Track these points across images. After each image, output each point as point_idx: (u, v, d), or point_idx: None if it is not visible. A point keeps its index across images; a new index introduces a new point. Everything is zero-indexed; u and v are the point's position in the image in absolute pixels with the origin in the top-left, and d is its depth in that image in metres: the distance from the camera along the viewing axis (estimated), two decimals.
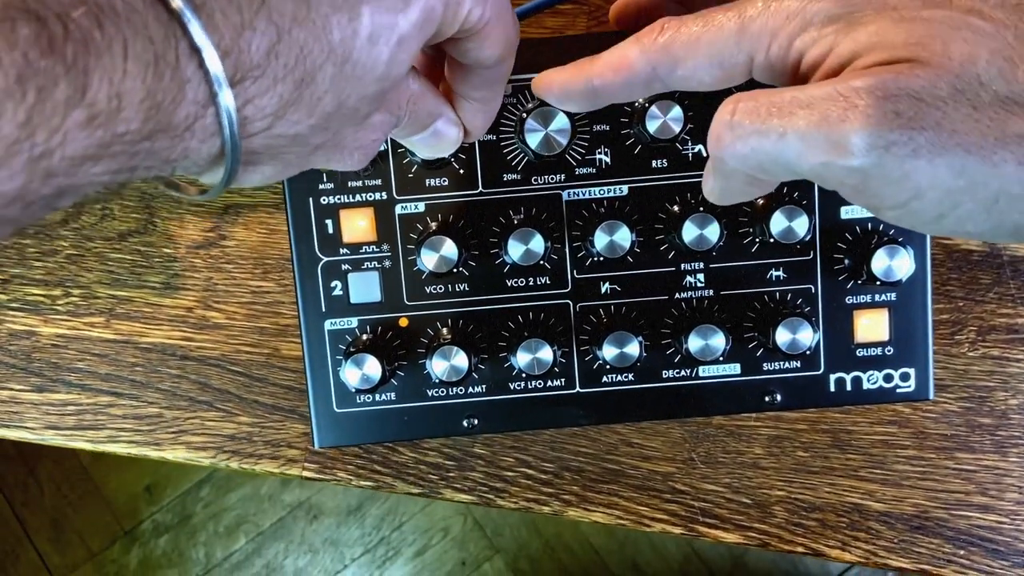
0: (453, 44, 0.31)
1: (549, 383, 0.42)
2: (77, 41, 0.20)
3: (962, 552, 0.47)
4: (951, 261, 0.48)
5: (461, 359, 0.40)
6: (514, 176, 0.41)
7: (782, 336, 0.40)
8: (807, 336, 0.39)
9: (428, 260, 0.40)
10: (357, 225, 0.41)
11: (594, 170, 0.41)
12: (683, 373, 0.42)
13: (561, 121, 0.38)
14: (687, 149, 0.40)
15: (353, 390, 0.40)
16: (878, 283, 0.39)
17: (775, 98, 0.27)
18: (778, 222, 0.39)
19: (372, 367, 0.40)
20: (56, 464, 1.47)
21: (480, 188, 0.41)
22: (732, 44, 0.29)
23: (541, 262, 0.40)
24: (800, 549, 0.47)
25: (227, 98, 0.23)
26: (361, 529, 1.47)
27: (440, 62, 0.35)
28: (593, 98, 0.33)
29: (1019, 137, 0.24)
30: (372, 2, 0.26)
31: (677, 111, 0.38)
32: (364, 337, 0.41)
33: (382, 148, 0.40)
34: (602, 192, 0.41)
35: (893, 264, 0.39)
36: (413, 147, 0.36)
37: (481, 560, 1.45)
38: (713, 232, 0.39)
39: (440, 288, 0.41)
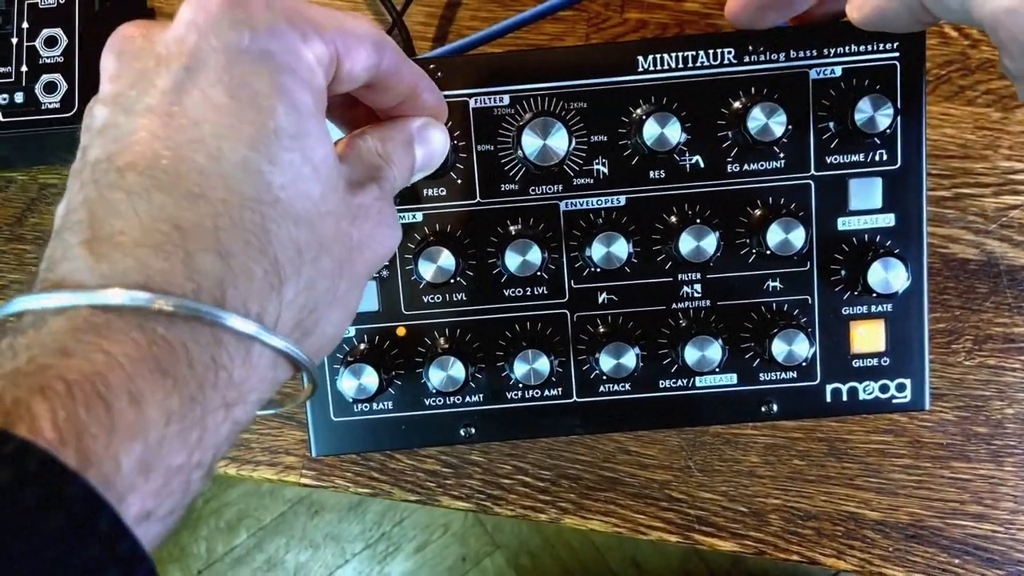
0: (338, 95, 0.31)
1: (546, 392, 0.42)
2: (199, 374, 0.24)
3: (957, 561, 0.47)
4: (948, 270, 0.48)
5: (458, 369, 0.40)
6: (512, 186, 0.41)
7: (778, 347, 0.40)
8: (803, 348, 0.40)
9: (425, 270, 0.40)
10: None
11: (592, 180, 0.41)
12: (679, 383, 0.42)
13: (559, 132, 0.38)
14: (684, 160, 0.40)
15: (350, 400, 0.40)
16: (874, 295, 0.39)
17: None
18: (775, 234, 0.39)
19: (369, 377, 0.40)
20: None
21: (478, 198, 0.41)
22: None
23: (538, 273, 0.40)
24: (796, 557, 0.47)
25: (223, 316, 0.24)
26: (362, 524, 1.48)
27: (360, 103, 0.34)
28: None
29: None
30: (243, 140, 0.25)
31: (675, 123, 0.38)
32: (362, 346, 0.41)
33: None
34: (600, 203, 0.41)
35: (889, 276, 0.39)
36: (427, 170, 0.36)
37: (481, 556, 1.46)
38: (710, 244, 0.39)
39: (438, 298, 0.42)
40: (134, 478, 0.21)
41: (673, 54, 0.39)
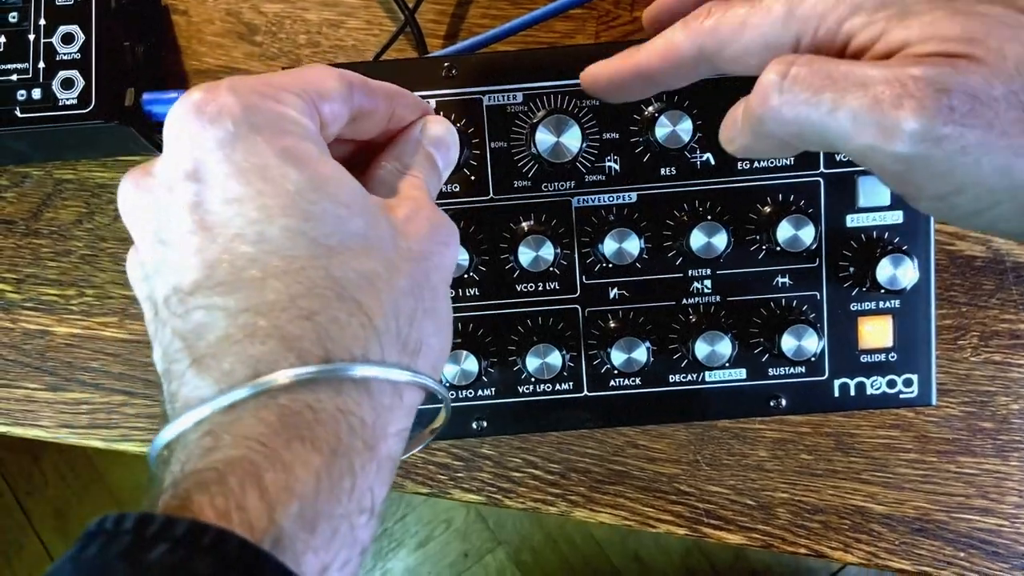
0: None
1: (557, 387, 0.43)
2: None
3: (962, 555, 0.47)
4: (955, 267, 0.48)
5: (471, 363, 0.41)
6: (524, 183, 0.41)
7: (788, 343, 0.40)
8: (812, 343, 0.40)
9: None
10: None
11: (603, 177, 0.41)
12: (689, 378, 0.42)
13: (572, 129, 0.39)
14: (695, 157, 0.41)
15: None
16: (882, 291, 0.40)
17: (829, 68, 0.26)
18: (784, 231, 0.39)
19: None
20: (61, 454, 1.48)
21: (491, 194, 0.41)
22: (779, 27, 0.29)
23: (551, 268, 0.41)
24: (803, 551, 0.47)
25: (330, 370, 0.26)
26: None
27: (357, 142, 0.35)
28: (642, 86, 0.33)
29: None
30: (267, 216, 0.27)
31: (687, 121, 0.39)
32: None
33: None
34: (611, 199, 0.41)
35: (897, 273, 0.39)
36: (452, 163, 0.36)
37: (483, 552, 1.46)
38: (721, 240, 0.40)
39: (450, 293, 0.42)
40: (303, 536, 0.23)
41: None
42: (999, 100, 0.24)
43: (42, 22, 0.46)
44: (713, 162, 0.41)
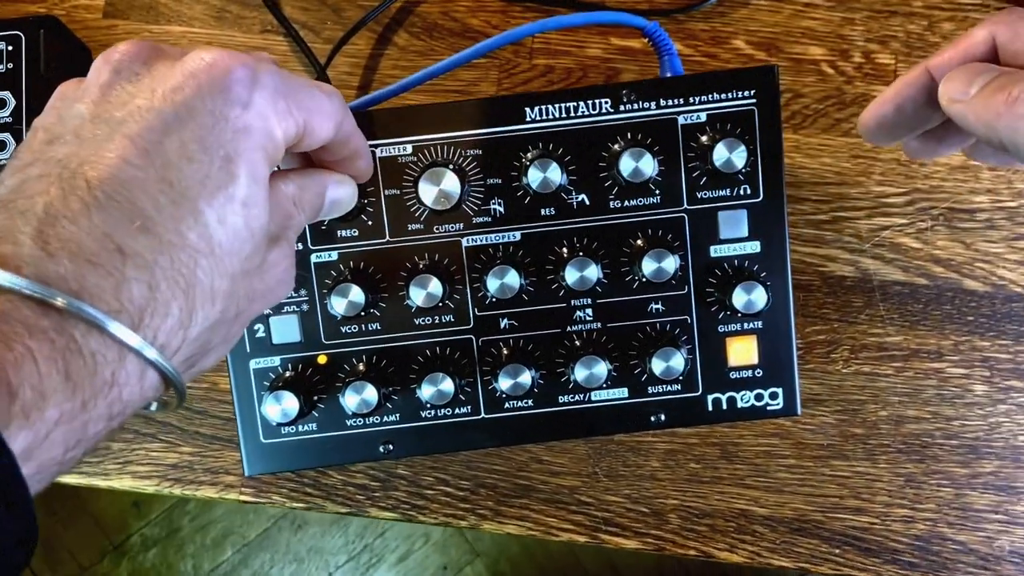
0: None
1: (456, 410, 0.46)
2: None
3: (838, 551, 0.51)
4: (827, 287, 0.52)
5: (370, 393, 0.44)
6: (418, 226, 0.45)
7: (657, 364, 0.44)
8: (679, 363, 0.44)
9: (338, 305, 0.44)
10: None
11: (490, 219, 0.45)
12: (577, 398, 0.46)
13: (450, 179, 0.43)
14: (571, 199, 0.45)
15: (274, 424, 0.45)
16: (739, 315, 0.44)
17: None
18: (649, 263, 0.43)
19: (290, 402, 0.44)
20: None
21: (387, 237, 0.45)
22: None
23: (442, 303, 0.44)
24: (692, 552, 0.51)
25: (136, 342, 0.26)
26: (345, 537, 1.50)
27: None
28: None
29: None
30: (204, 194, 0.28)
31: (555, 167, 0.43)
32: (287, 374, 0.46)
33: None
34: (497, 238, 0.45)
35: (751, 298, 0.43)
36: (326, 217, 0.39)
37: (462, 564, 1.48)
38: (592, 273, 0.44)
39: (354, 328, 0.46)
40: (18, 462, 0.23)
41: (556, 105, 0.44)
42: None
43: None
44: (588, 202, 0.45)
